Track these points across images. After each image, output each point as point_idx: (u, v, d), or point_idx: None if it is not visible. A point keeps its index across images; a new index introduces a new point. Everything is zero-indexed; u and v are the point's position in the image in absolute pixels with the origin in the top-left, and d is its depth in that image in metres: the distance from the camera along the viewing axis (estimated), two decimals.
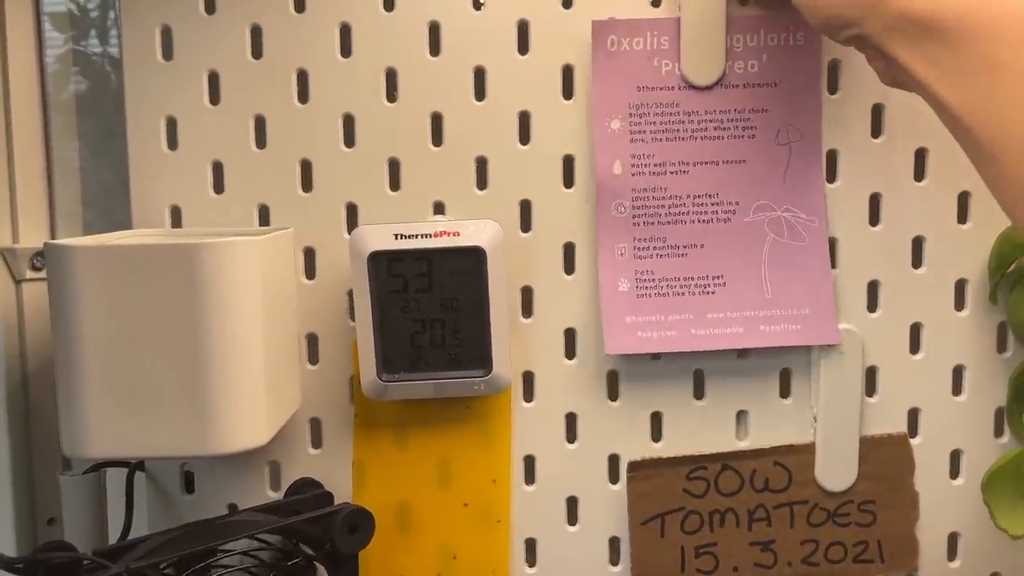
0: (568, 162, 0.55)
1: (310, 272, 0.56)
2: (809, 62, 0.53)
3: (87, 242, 0.44)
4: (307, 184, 0.55)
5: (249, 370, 0.44)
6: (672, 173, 0.54)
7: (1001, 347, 0.56)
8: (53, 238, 0.59)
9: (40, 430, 0.57)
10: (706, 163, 0.54)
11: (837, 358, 0.55)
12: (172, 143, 0.55)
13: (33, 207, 0.57)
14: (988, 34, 0.37)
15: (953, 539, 0.57)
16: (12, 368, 0.56)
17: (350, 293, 0.55)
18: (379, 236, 0.51)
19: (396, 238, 0.51)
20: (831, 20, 0.43)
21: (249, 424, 0.45)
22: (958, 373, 0.56)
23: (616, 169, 0.54)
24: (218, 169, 0.55)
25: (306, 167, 0.55)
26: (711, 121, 0.54)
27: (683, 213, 0.55)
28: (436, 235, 0.51)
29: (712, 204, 0.54)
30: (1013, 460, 0.51)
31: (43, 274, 0.56)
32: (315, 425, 0.56)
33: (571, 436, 0.57)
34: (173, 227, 0.55)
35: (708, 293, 0.55)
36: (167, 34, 0.54)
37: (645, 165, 0.54)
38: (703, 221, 0.54)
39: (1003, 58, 0.37)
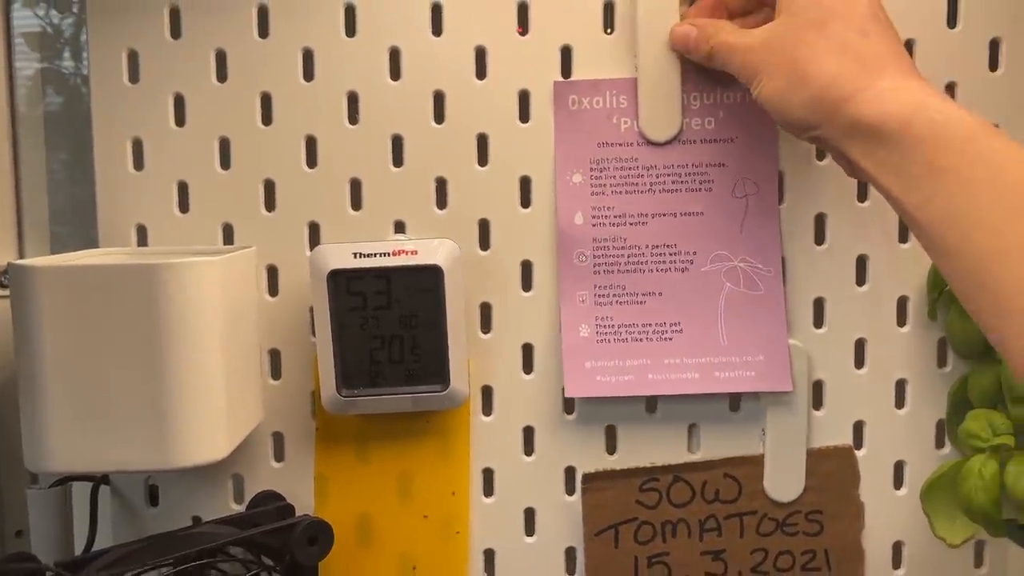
0: (525, 182, 0.57)
1: (273, 289, 0.57)
2: (765, 117, 0.55)
3: (49, 262, 0.45)
4: (270, 204, 0.57)
5: (208, 386, 0.46)
6: (631, 224, 0.56)
7: (941, 362, 0.58)
8: (21, 254, 0.60)
9: (7, 444, 0.58)
10: (664, 215, 0.56)
11: None
12: (138, 164, 0.56)
13: (1, 223, 0.58)
14: (931, 140, 0.40)
15: (897, 548, 0.59)
16: None
17: (311, 310, 0.56)
18: (338, 255, 0.52)
19: (355, 256, 0.52)
20: (793, 123, 0.46)
21: (208, 438, 0.46)
22: (900, 387, 0.58)
23: (578, 220, 0.56)
24: (183, 189, 0.56)
25: (269, 187, 0.56)
26: (669, 175, 0.56)
27: (642, 262, 0.56)
28: (394, 254, 0.52)
29: (670, 254, 0.56)
30: (949, 471, 0.53)
31: (8, 292, 0.57)
32: (277, 439, 0.58)
33: (528, 449, 0.58)
34: (139, 245, 0.57)
35: (665, 339, 0.56)
36: (133, 57, 0.56)
37: (605, 216, 0.56)
38: (661, 270, 0.56)
39: (946, 163, 0.39)
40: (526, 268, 0.57)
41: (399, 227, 0.57)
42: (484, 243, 0.57)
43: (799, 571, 0.58)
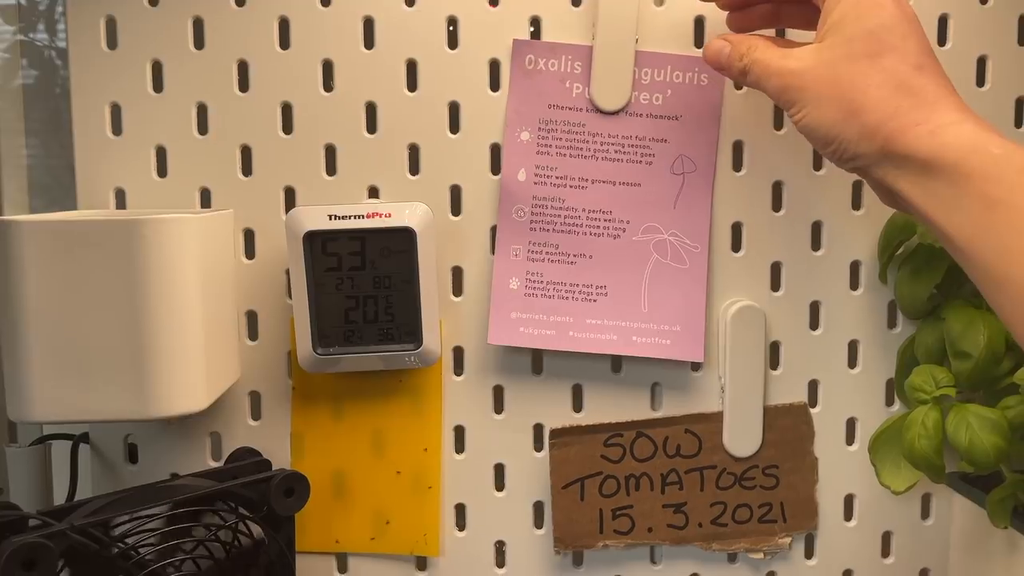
0: (495, 150, 0.59)
1: (250, 252, 0.59)
2: (711, 100, 0.57)
3: (32, 218, 0.46)
4: (247, 169, 0.58)
5: (187, 339, 0.47)
6: (572, 187, 0.58)
7: (891, 323, 0.61)
8: None
9: None
10: (604, 182, 0.58)
11: (745, 333, 0.59)
12: (117, 129, 0.58)
13: None
14: (987, 173, 0.40)
15: (849, 500, 0.62)
16: None
17: (288, 272, 0.58)
18: (314, 217, 0.54)
19: (330, 219, 0.54)
20: (836, 153, 0.45)
21: (187, 390, 0.48)
22: (853, 347, 0.61)
23: (520, 176, 0.58)
24: (161, 154, 0.58)
25: (246, 152, 0.58)
26: (613, 144, 0.58)
27: (577, 225, 0.59)
28: (369, 216, 0.54)
29: (605, 220, 0.59)
30: (895, 423, 0.56)
31: None
32: (254, 398, 0.59)
33: (498, 407, 0.61)
34: (118, 208, 0.58)
35: (590, 300, 0.59)
36: (111, 24, 0.57)
37: (547, 176, 0.58)
38: (595, 234, 0.59)
39: (1000, 195, 0.39)
40: (495, 233, 0.59)
41: (373, 192, 0.59)
42: (456, 208, 0.59)
43: (756, 523, 0.61)
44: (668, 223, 0.59)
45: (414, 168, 0.59)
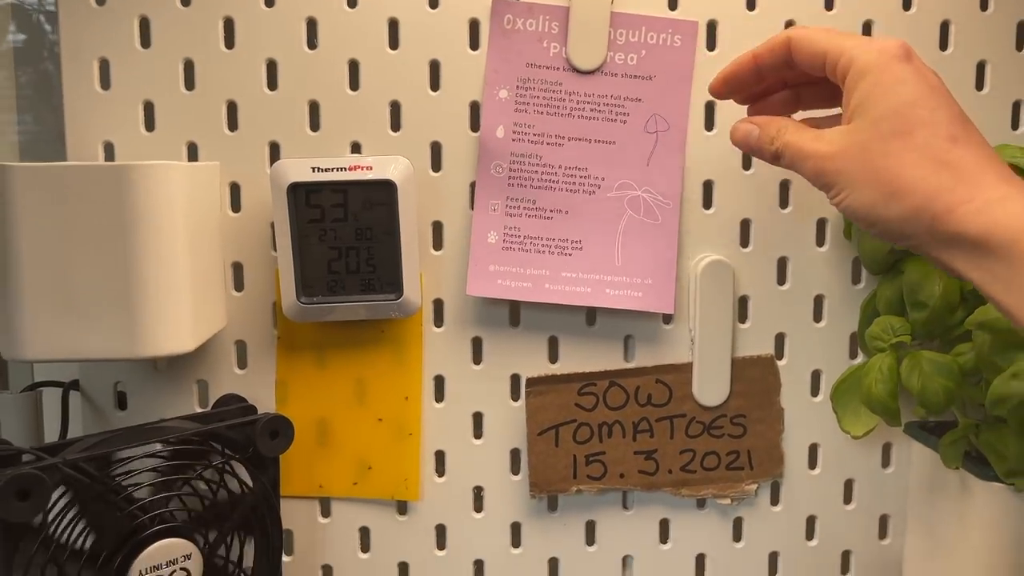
0: (475, 107, 0.60)
1: (235, 206, 0.60)
2: (683, 61, 0.59)
3: (25, 165, 0.48)
4: (233, 124, 0.60)
5: (174, 281, 0.49)
6: (548, 144, 0.60)
7: (855, 279, 0.63)
8: None
9: None
10: (580, 139, 0.60)
11: (714, 287, 0.61)
12: (105, 83, 0.59)
13: None
14: None
15: (813, 449, 0.65)
16: None
17: (272, 225, 0.60)
18: (298, 169, 0.56)
19: (314, 171, 0.56)
20: (886, 233, 0.43)
21: (175, 331, 0.50)
22: (819, 302, 0.64)
23: (499, 133, 0.60)
24: (149, 109, 0.59)
25: (232, 108, 0.60)
26: (589, 103, 0.60)
27: (554, 181, 0.61)
28: (351, 168, 0.56)
29: (581, 177, 0.61)
30: (855, 372, 0.58)
31: None
32: (240, 347, 0.61)
33: (477, 358, 0.63)
34: (106, 161, 0.59)
35: (566, 255, 0.61)
36: None
37: (525, 133, 0.60)
38: (570, 190, 0.61)
39: None
40: (475, 189, 0.61)
41: (355, 148, 0.60)
42: (436, 164, 0.61)
43: (724, 470, 0.64)
44: (641, 180, 0.61)
45: (395, 124, 0.60)
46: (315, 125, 0.60)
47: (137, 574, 0.50)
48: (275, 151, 0.60)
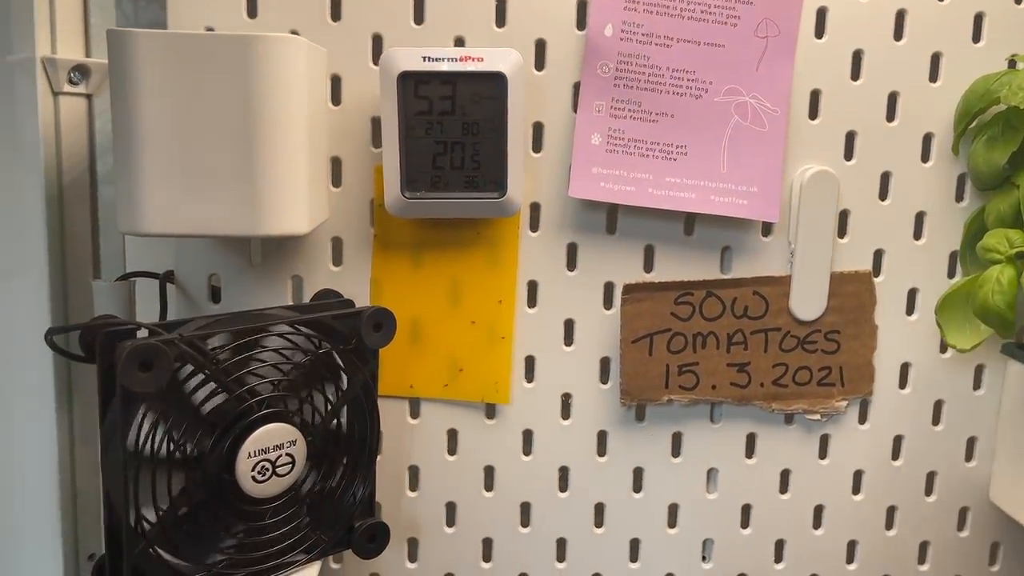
0: (582, 5, 0.59)
1: (335, 99, 0.59)
2: None
3: (149, 31, 0.47)
4: (336, 14, 0.58)
5: (295, 159, 0.48)
6: (657, 44, 0.59)
7: (959, 196, 0.62)
8: (88, 56, 0.61)
9: (74, 240, 0.61)
10: (689, 41, 0.59)
11: (817, 199, 0.60)
12: None
13: (70, 24, 0.59)
14: None
15: (904, 369, 0.64)
16: (50, 180, 0.59)
17: (373, 120, 0.59)
18: (408, 58, 0.55)
19: (424, 60, 0.55)
20: None
21: (294, 211, 0.49)
22: (920, 219, 0.63)
23: (607, 32, 0.58)
24: None
25: None
26: (700, 4, 0.59)
27: (660, 83, 0.59)
28: (462, 59, 0.55)
29: (688, 80, 0.59)
30: (964, 286, 0.57)
31: (80, 88, 0.59)
32: (336, 243, 0.61)
33: (571, 264, 0.62)
34: None
35: (670, 159, 0.60)
36: None
37: (633, 33, 0.59)
38: (677, 93, 0.59)
39: None
40: (578, 89, 0.60)
41: (459, 42, 0.59)
42: (539, 63, 0.60)
43: (815, 385, 0.63)
44: (750, 86, 0.59)
45: (500, 20, 0.59)
46: (419, 18, 0.59)
47: (246, 455, 0.50)
48: (377, 43, 0.59)
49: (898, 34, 0.60)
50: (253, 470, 0.50)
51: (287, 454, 0.51)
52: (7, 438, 0.62)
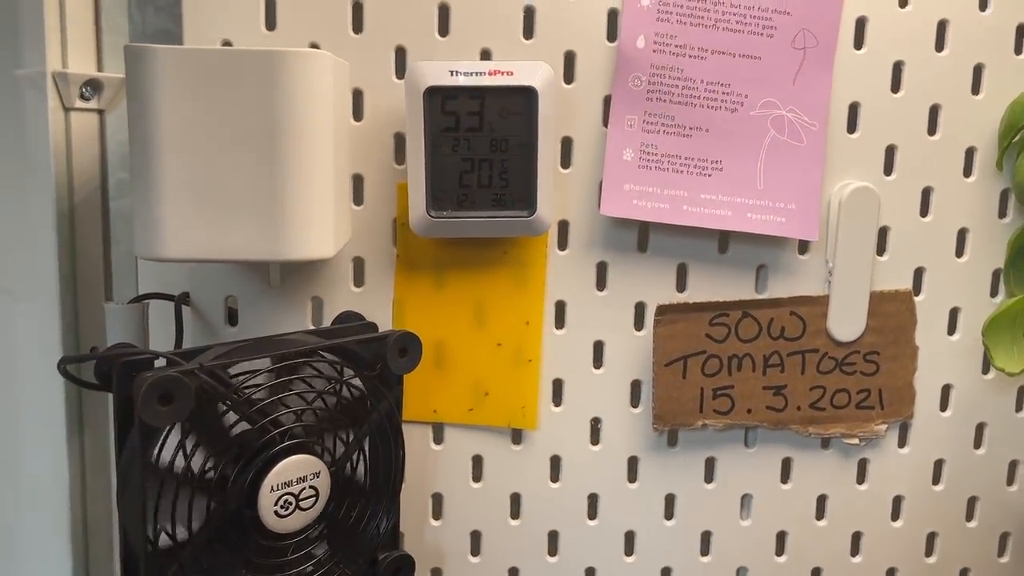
0: (612, 15, 0.57)
1: (357, 114, 0.57)
2: None
3: (170, 47, 0.44)
4: (358, 25, 0.56)
5: (321, 181, 0.46)
6: (691, 57, 0.57)
7: (1002, 213, 0.60)
8: (100, 70, 0.59)
9: (85, 260, 0.59)
10: (724, 53, 0.57)
11: (857, 216, 0.58)
12: None
13: (81, 37, 0.57)
14: None
15: (946, 391, 0.62)
16: (61, 199, 0.57)
17: (396, 136, 0.57)
18: (435, 72, 0.52)
19: (452, 74, 0.52)
20: None
21: (319, 234, 0.47)
22: (962, 236, 0.60)
23: (639, 43, 0.56)
24: (270, 6, 0.56)
25: (357, 8, 0.56)
26: (735, 15, 0.56)
27: (695, 96, 0.57)
28: (490, 74, 0.53)
29: (723, 93, 0.57)
30: (1012, 307, 0.55)
31: (92, 104, 0.57)
32: (358, 264, 0.59)
33: (601, 284, 0.60)
34: None
35: (705, 175, 0.57)
36: None
37: (667, 44, 0.57)
38: (712, 107, 0.57)
39: None
40: (608, 104, 0.58)
41: (485, 55, 0.57)
42: (568, 76, 0.57)
43: (854, 408, 0.61)
44: (787, 99, 0.57)
45: (528, 31, 0.57)
46: (444, 29, 0.57)
47: (269, 489, 0.47)
48: (400, 56, 0.57)
49: (939, 45, 0.58)
50: (276, 504, 0.48)
51: (311, 486, 0.49)
52: (17, 465, 0.59)
